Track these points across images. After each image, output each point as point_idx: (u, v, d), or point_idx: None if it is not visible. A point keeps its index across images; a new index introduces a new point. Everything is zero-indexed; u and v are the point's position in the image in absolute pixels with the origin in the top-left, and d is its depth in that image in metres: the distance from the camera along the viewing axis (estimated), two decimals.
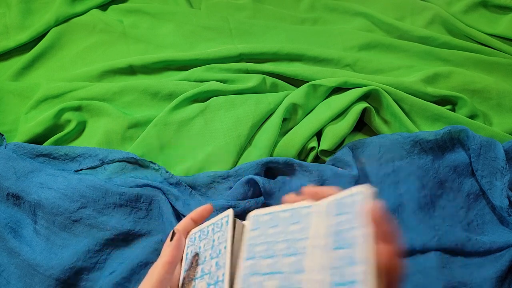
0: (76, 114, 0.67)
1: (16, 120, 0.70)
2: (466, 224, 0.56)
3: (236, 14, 0.85)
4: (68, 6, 0.81)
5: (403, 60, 0.76)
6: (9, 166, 0.58)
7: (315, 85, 0.67)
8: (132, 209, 0.55)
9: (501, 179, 0.57)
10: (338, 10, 0.86)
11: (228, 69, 0.73)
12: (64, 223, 0.53)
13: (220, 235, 0.38)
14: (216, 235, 0.39)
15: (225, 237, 0.37)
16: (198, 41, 0.80)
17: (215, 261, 0.37)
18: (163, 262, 0.37)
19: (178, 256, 0.38)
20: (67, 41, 0.80)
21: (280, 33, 0.81)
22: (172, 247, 0.38)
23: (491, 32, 0.77)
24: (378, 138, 0.62)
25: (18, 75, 0.76)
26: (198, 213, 0.42)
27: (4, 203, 0.57)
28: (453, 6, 0.83)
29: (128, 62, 0.74)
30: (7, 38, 0.79)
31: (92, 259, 0.52)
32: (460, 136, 0.60)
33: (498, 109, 0.69)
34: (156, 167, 0.60)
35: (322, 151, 0.63)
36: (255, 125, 0.64)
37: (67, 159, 0.61)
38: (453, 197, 0.58)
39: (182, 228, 0.42)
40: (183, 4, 0.86)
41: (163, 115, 0.65)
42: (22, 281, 0.51)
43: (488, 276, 0.52)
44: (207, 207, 0.43)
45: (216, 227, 0.39)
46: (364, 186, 0.31)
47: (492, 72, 0.73)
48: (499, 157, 0.57)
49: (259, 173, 0.58)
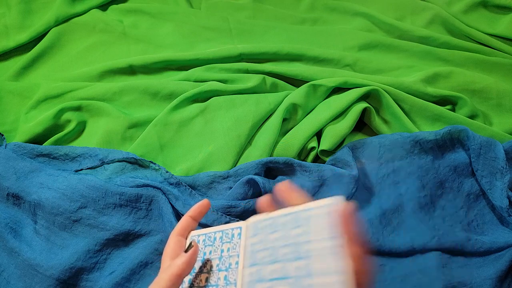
0: (76, 114, 0.67)
1: (16, 120, 0.70)
2: (466, 224, 0.56)
3: (236, 14, 0.85)
4: (68, 6, 0.81)
5: (403, 60, 0.76)
6: (9, 166, 0.58)
7: (315, 85, 0.67)
8: (132, 209, 0.55)
9: (501, 179, 0.57)
10: (338, 10, 0.86)
11: (228, 69, 0.73)
12: (64, 223, 0.53)
13: (230, 247, 0.37)
14: (225, 245, 0.37)
15: (236, 251, 0.36)
16: (198, 41, 0.80)
17: (224, 275, 0.36)
18: (172, 274, 0.35)
19: (188, 271, 0.36)
20: (67, 41, 0.80)
21: (280, 33, 0.81)
22: (184, 260, 0.36)
23: (491, 32, 0.77)
24: (378, 138, 0.62)
25: (18, 75, 0.76)
26: (196, 210, 0.41)
27: (4, 203, 0.57)
28: (453, 6, 0.83)
29: (128, 62, 0.74)
30: (7, 38, 0.79)
31: (92, 259, 0.52)
32: (460, 136, 0.60)
33: (498, 109, 0.69)
34: (156, 167, 0.59)
35: (322, 151, 0.63)
36: (255, 125, 0.64)
37: (67, 159, 0.61)
38: (453, 197, 0.58)
39: (182, 228, 0.40)
40: (183, 4, 0.86)
41: (163, 115, 0.65)
42: (22, 281, 0.51)
43: (488, 276, 0.52)
44: (204, 203, 0.42)
45: (225, 236, 0.38)
46: (335, 198, 0.31)
47: (492, 72, 0.73)
48: (499, 157, 0.57)
49: (259, 173, 0.58)
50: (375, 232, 0.54)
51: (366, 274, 0.30)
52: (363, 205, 0.57)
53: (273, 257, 0.33)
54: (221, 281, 0.35)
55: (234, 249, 0.36)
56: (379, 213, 0.55)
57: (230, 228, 0.38)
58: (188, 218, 0.41)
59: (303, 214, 0.33)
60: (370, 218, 0.55)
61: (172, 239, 0.40)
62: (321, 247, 0.30)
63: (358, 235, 0.30)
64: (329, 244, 0.30)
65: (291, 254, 0.31)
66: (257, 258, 0.34)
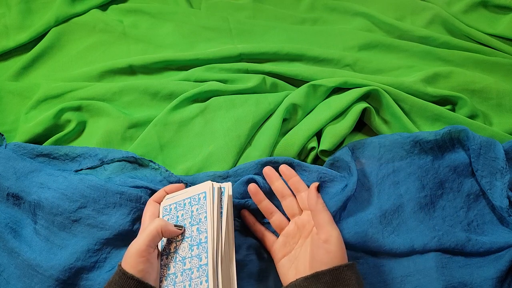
0: (76, 114, 0.67)
1: (16, 120, 0.70)
2: (466, 225, 0.56)
3: (236, 14, 0.85)
4: (68, 6, 0.81)
5: (403, 60, 0.76)
6: (9, 166, 0.58)
7: (315, 85, 0.67)
8: (132, 208, 0.55)
9: (501, 179, 0.57)
10: (338, 10, 0.86)
11: (228, 69, 0.73)
12: (64, 223, 0.53)
13: (198, 207, 0.47)
14: (194, 207, 0.47)
15: (204, 209, 0.46)
16: (198, 41, 0.80)
17: (196, 227, 0.46)
18: (152, 229, 0.44)
19: (164, 229, 0.45)
20: (67, 41, 0.80)
21: (280, 33, 0.81)
22: (161, 219, 0.47)
23: (491, 32, 0.77)
24: (378, 138, 0.62)
25: (18, 75, 0.76)
26: (172, 189, 0.53)
27: (4, 203, 0.57)
28: (453, 6, 0.83)
29: (128, 62, 0.74)
30: (7, 38, 0.79)
31: (92, 259, 0.52)
32: (460, 136, 0.60)
33: (498, 109, 0.69)
34: (156, 166, 0.60)
35: (322, 151, 0.63)
36: (255, 125, 0.64)
37: (67, 159, 0.61)
38: (453, 197, 0.58)
39: (159, 198, 0.52)
40: (183, 4, 0.86)
41: (163, 115, 0.65)
42: (22, 281, 0.51)
43: (488, 276, 0.52)
44: (180, 186, 0.53)
45: (193, 200, 0.48)
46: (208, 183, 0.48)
47: (492, 72, 0.73)
48: (499, 157, 0.57)
49: (259, 173, 0.58)
50: (375, 233, 0.54)
51: None
52: (363, 205, 0.57)
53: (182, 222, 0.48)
54: (194, 233, 0.46)
55: (202, 208, 0.47)
56: (379, 213, 0.55)
57: (196, 194, 0.48)
58: (163, 191, 0.53)
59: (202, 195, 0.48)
60: (370, 219, 0.55)
61: (149, 205, 0.51)
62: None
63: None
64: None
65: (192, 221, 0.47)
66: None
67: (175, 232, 0.47)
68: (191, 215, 0.47)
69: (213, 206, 0.46)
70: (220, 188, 0.49)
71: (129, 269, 0.42)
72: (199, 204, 0.47)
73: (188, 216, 0.47)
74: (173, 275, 0.45)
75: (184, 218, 0.48)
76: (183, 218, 0.48)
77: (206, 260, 0.43)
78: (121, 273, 0.42)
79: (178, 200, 0.50)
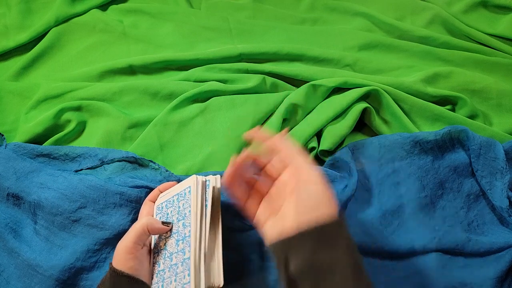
0: (76, 114, 0.67)
1: (16, 120, 0.70)
2: (466, 225, 0.56)
3: (236, 14, 0.85)
4: (68, 6, 0.81)
5: (403, 60, 0.76)
6: (9, 166, 0.58)
7: (315, 85, 0.67)
8: (132, 209, 0.55)
9: (501, 179, 0.57)
10: (338, 10, 0.86)
11: (228, 69, 0.73)
12: (64, 223, 0.53)
13: (184, 202, 0.48)
14: (181, 202, 0.48)
15: (188, 203, 0.47)
16: (198, 41, 0.80)
17: (182, 222, 0.46)
18: (143, 223, 0.45)
19: (155, 226, 0.46)
20: (67, 41, 0.80)
21: (280, 33, 0.81)
22: (153, 217, 0.49)
23: (491, 32, 0.77)
24: (378, 139, 0.62)
25: (18, 75, 0.76)
26: (165, 187, 0.53)
27: (4, 203, 0.57)
28: (453, 6, 0.83)
29: (128, 62, 0.74)
30: (7, 38, 0.79)
31: (92, 259, 0.52)
32: (460, 136, 0.60)
33: (498, 109, 0.69)
34: (156, 166, 0.60)
35: (322, 151, 0.63)
36: (255, 125, 0.64)
37: (67, 159, 0.61)
38: (453, 197, 0.58)
39: (153, 197, 0.52)
40: (183, 4, 0.86)
41: (163, 115, 0.65)
42: (22, 281, 0.51)
43: (488, 276, 0.52)
44: (173, 182, 0.53)
45: (180, 197, 0.49)
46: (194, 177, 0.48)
47: (492, 72, 0.73)
48: (499, 157, 0.57)
49: None
50: (375, 233, 0.54)
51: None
52: (363, 205, 0.57)
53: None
54: (180, 228, 0.46)
55: (187, 203, 0.47)
56: (379, 214, 0.55)
57: (183, 189, 0.49)
58: (157, 191, 0.53)
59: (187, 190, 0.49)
60: (370, 219, 0.55)
61: (145, 204, 0.52)
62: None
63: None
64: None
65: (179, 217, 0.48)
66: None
67: (163, 229, 0.47)
68: (178, 211, 0.47)
69: (196, 199, 0.46)
70: (204, 182, 0.48)
71: (119, 267, 0.43)
72: (185, 199, 0.47)
73: (176, 212, 0.48)
74: (162, 272, 0.45)
75: (172, 214, 0.48)
76: (172, 215, 0.48)
77: (189, 254, 0.43)
78: (112, 271, 0.43)
79: (169, 198, 0.50)
